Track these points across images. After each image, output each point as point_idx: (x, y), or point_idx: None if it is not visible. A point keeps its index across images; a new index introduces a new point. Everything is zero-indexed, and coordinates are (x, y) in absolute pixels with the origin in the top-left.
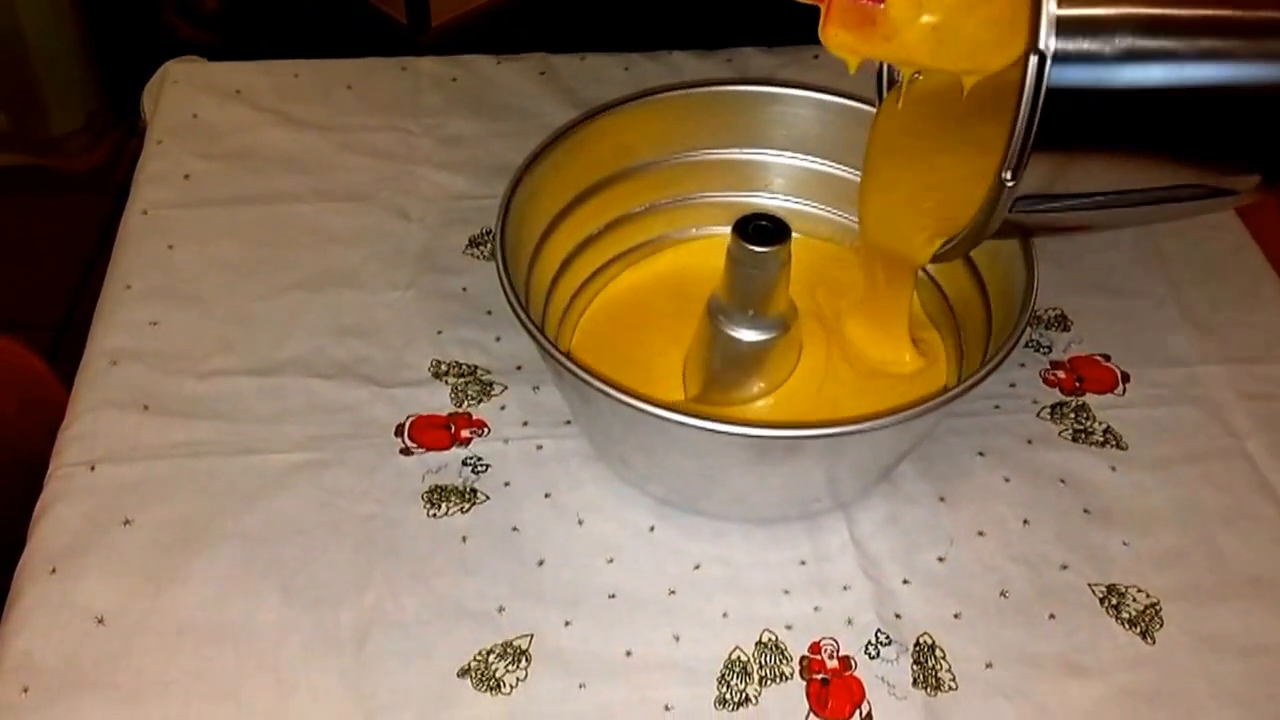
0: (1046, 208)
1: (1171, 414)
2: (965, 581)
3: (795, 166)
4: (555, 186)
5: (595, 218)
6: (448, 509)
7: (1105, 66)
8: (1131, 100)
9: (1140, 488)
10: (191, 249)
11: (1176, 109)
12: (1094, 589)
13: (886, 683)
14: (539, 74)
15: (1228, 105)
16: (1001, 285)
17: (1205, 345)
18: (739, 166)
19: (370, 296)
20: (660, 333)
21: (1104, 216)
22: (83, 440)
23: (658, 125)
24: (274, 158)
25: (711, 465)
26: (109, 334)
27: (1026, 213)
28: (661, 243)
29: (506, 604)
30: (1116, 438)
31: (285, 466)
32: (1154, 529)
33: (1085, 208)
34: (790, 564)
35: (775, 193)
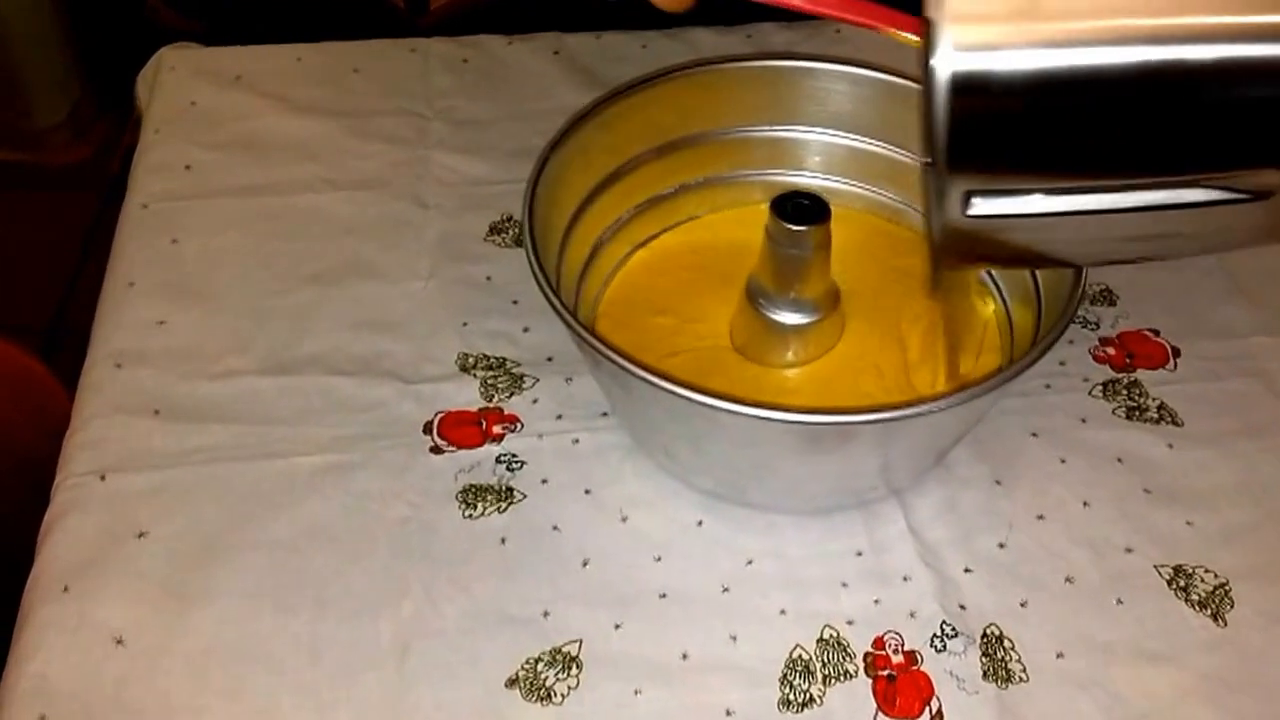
0: (1008, 212)
1: (1226, 388)
2: (1029, 568)
3: (833, 144)
4: (582, 169)
5: (625, 200)
6: (484, 509)
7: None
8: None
9: (1200, 464)
10: (197, 243)
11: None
12: (1160, 571)
13: (955, 677)
14: (553, 53)
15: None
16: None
17: (1257, 316)
18: (774, 144)
19: (389, 288)
20: (692, 307)
21: (1088, 230)
22: (91, 448)
23: (688, 102)
24: (280, 146)
25: (763, 454)
26: (113, 335)
27: (984, 218)
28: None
29: (552, 608)
30: (1171, 414)
31: (309, 470)
32: (1217, 506)
33: (1057, 213)
34: (847, 555)
35: (813, 171)
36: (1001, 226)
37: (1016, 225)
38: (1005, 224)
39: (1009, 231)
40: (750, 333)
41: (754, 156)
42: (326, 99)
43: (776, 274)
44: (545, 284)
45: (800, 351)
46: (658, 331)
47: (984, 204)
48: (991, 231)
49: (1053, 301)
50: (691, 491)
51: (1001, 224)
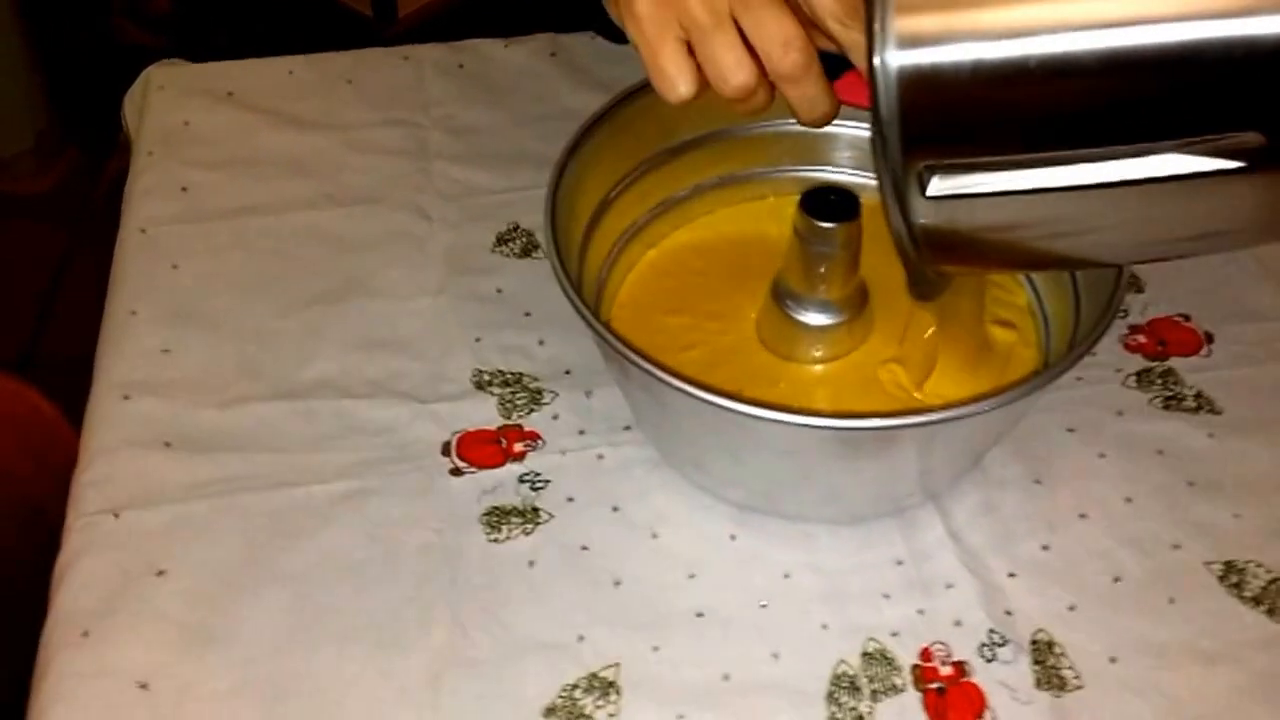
0: (967, 191)
1: (1262, 373)
2: (1075, 570)
3: (865, 137)
4: (598, 174)
5: (640, 203)
6: (509, 531)
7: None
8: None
9: (1242, 454)
10: (198, 267)
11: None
12: (1211, 568)
13: (1007, 687)
14: (550, 55)
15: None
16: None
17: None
18: (801, 138)
19: (398, 305)
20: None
21: (1063, 214)
22: (102, 485)
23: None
24: (277, 162)
25: (805, 463)
26: (118, 366)
27: (945, 199)
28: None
29: (586, 632)
30: (1209, 402)
31: (327, 498)
32: (1264, 497)
33: (1020, 190)
34: (886, 565)
35: (842, 166)
36: (965, 212)
37: (980, 208)
38: (968, 207)
39: (975, 216)
40: (775, 331)
41: (779, 152)
42: (321, 112)
43: (804, 273)
44: (577, 299)
45: (826, 351)
46: (672, 331)
47: (941, 182)
48: (957, 219)
49: (1091, 289)
50: (722, 504)
51: (964, 207)
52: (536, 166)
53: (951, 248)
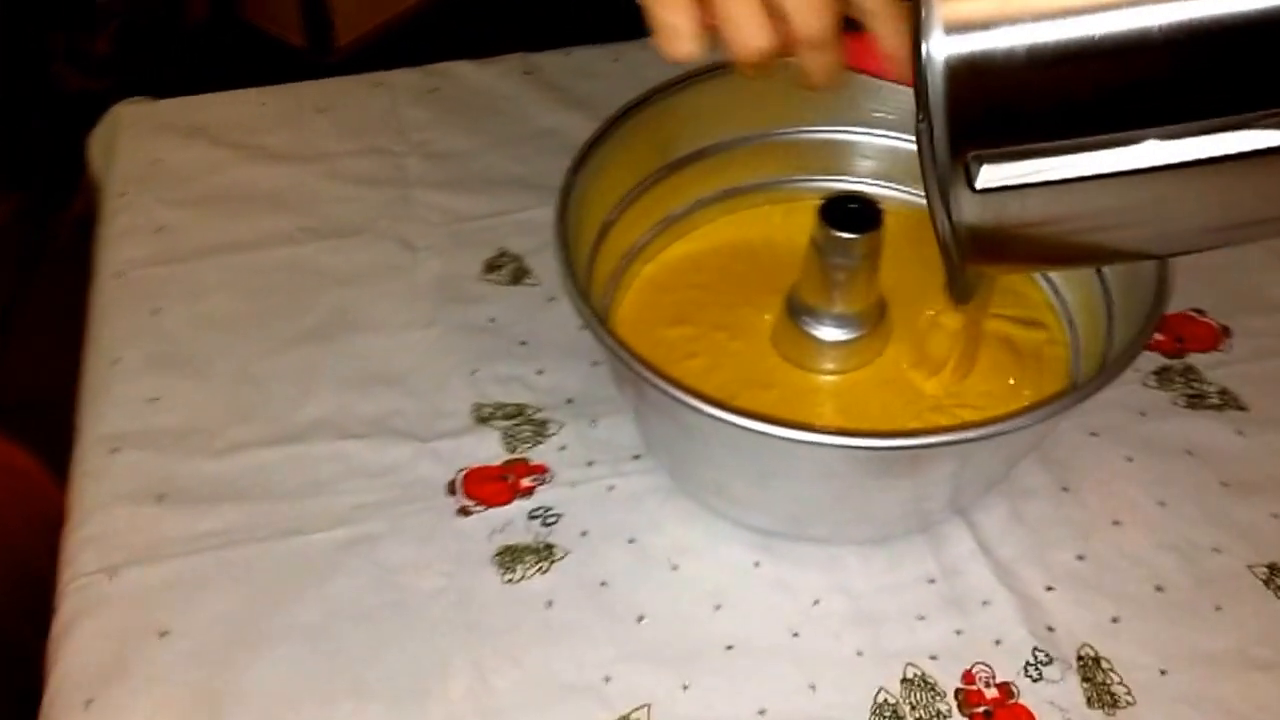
0: (1018, 181)
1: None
2: (1114, 580)
3: (885, 146)
4: (601, 193)
5: (645, 218)
6: (524, 571)
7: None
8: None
9: (1274, 450)
10: (180, 310)
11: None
12: (1254, 571)
13: (1057, 707)
14: (523, 74)
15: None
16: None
17: None
18: (818, 147)
19: (389, 340)
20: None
21: (1111, 203)
22: (96, 543)
23: (716, 106)
24: (253, 197)
25: (839, 485)
26: (104, 417)
27: (994, 191)
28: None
29: (612, 672)
30: (1234, 398)
31: (331, 545)
32: None
33: (1073, 179)
34: (918, 584)
35: (862, 176)
36: (1016, 205)
37: (1031, 200)
38: (1019, 200)
39: (1026, 210)
40: (790, 346)
41: (795, 161)
42: (295, 144)
43: (821, 286)
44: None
45: (843, 364)
46: (673, 342)
47: (992, 172)
48: (1006, 214)
49: (1119, 282)
50: (742, 530)
51: (1015, 201)
52: (519, 189)
53: (999, 246)
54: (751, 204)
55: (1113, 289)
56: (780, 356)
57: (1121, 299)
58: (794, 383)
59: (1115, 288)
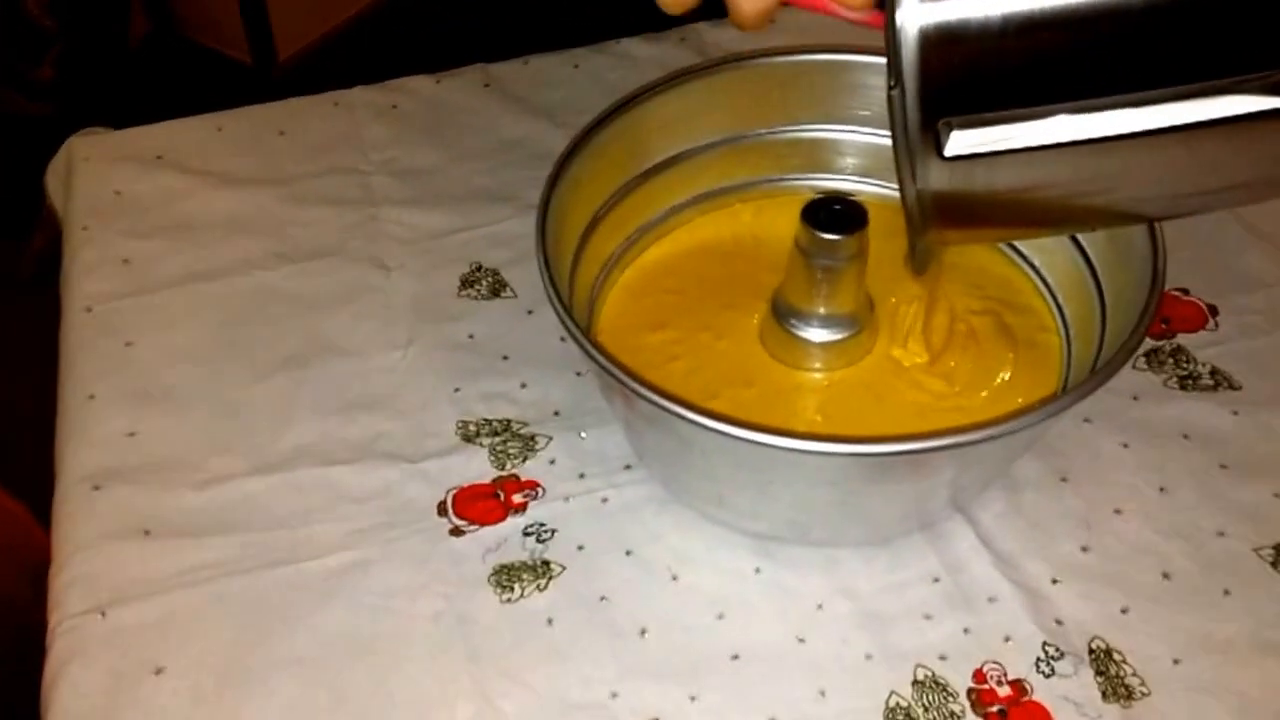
0: (989, 147)
1: (1274, 343)
2: (1120, 569)
3: (870, 144)
4: (578, 205)
5: (621, 228)
6: (522, 590)
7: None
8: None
9: (1270, 430)
10: (153, 342)
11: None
12: (1260, 553)
13: (1072, 702)
14: (483, 86)
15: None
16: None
17: (1277, 260)
18: (802, 146)
19: (368, 362)
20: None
21: (1080, 170)
22: (83, 583)
23: (688, 111)
24: (219, 224)
25: (842, 490)
26: (81, 455)
27: (964, 159)
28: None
29: (618, 688)
30: (1226, 378)
31: (324, 573)
32: None
33: (1044, 146)
34: (922, 583)
35: (847, 174)
36: (984, 172)
37: (1001, 167)
38: (988, 167)
39: (994, 177)
40: (778, 347)
41: (779, 161)
42: (257, 167)
43: (807, 288)
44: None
45: (832, 364)
46: (655, 347)
47: (961, 139)
48: (974, 181)
49: (1107, 263)
50: (739, 537)
51: (983, 167)
52: (489, 202)
53: (965, 213)
54: (723, 205)
55: (1102, 276)
56: (768, 354)
57: (1111, 282)
58: (776, 380)
59: (1105, 274)
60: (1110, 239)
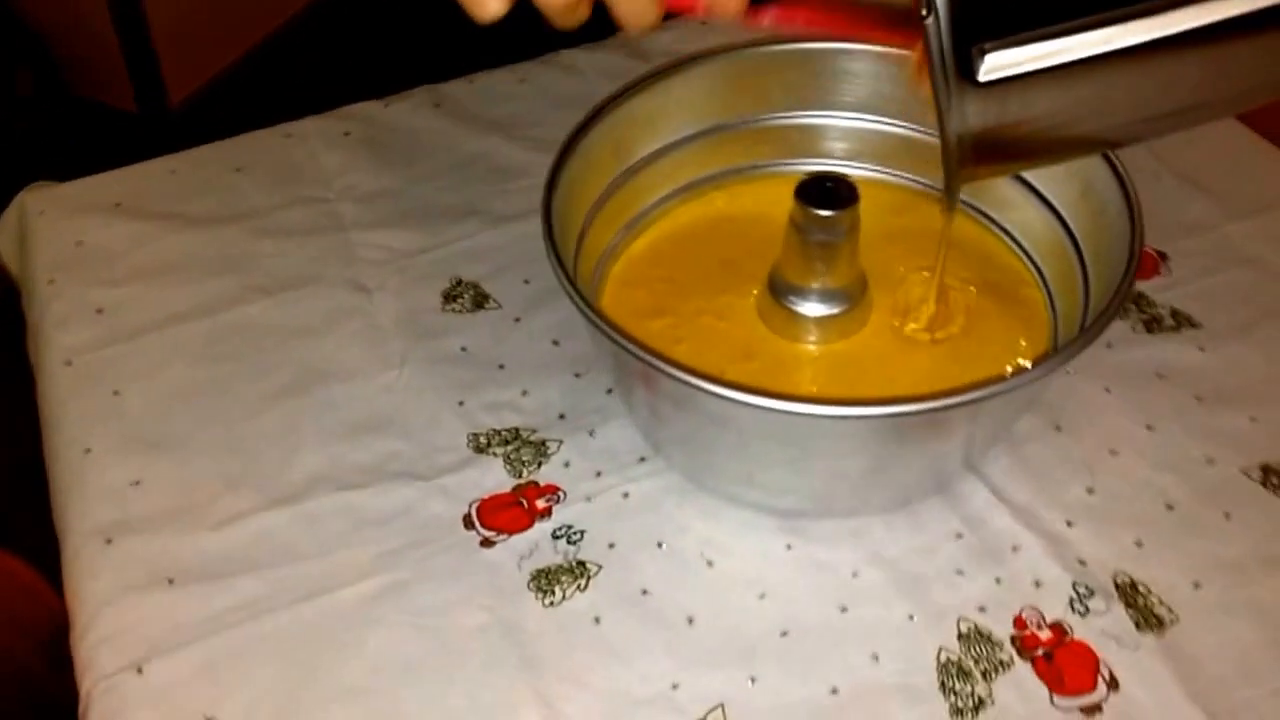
0: (1025, 68)
1: (1223, 281)
2: (1126, 506)
3: (858, 129)
4: (574, 206)
5: (614, 221)
6: (563, 592)
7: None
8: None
9: (1236, 360)
10: (141, 388)
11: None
12: (1249, 475)
13: (1111, 637)
14: (434, 107)
15: None
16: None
17: (1220, 205)
18: (791, 132)
19: (365, 384)
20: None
21: (1118, 85)
22: (112, 641)
23: (692, 96)
24: (189, 265)
25: (873, 456)
26: (88, 510)
27: (1000, 83)
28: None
29: (678, 679)
30: (1186, 317)
31: (360, 600)
32: (1270, 396)
33: (1081, 60)
34: (947, 541)
35: (836, 158)
36: (1018, 98)
37: (1034, 90)
38: (1022, 91)
39: (1028, 101)
40: (778, 325)
41: (770, 147)
42: (219, 206)
43: (804, 265)
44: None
45: (831, 337)
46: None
47: (997, 58)
48: (1008, 109)
49: (1079, 214)
50: (764, 516)
51: (1017, 92)
52: (459, 217)
53: (1000, 144)
54: (700, 194)
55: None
56: (769, 329)
57: (1088, 239)
58: (778, 353)
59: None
60: (1084, 198)
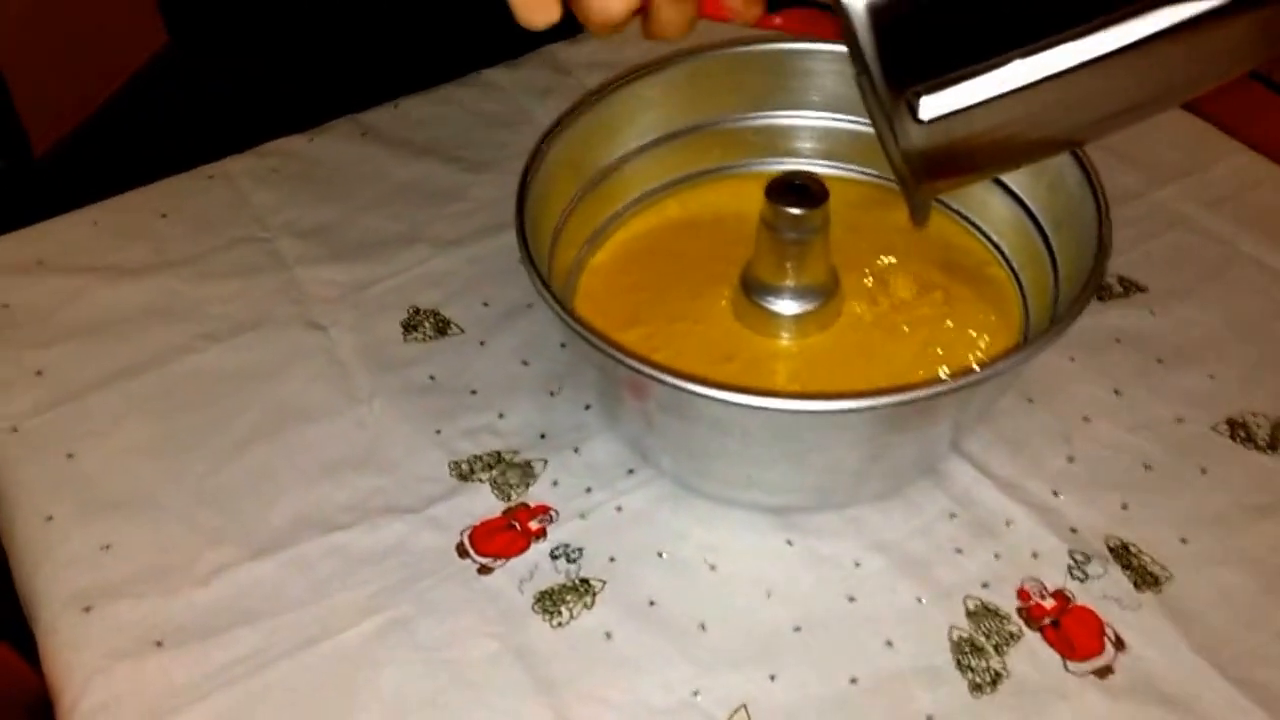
0: (961, 105)
1: (1163, 244)
2: (1108, 471)
3: (825, 128)
4: (545, 215)
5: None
6: (570, 612)
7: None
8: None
9: (1187, 321)
10: (96, 448)
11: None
12: (1218, 430)
13: (1112, 599)
14: (360, 135)
15: None
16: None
17: (1143, 173)
18: (759, 133)
19: (336, 422)
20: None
21: (1051, 102)
22: (106, 711)
23: (650, 103)
24: (128, 317)
25: (873, 446)
26: (59, 580)
27: (940, 120)
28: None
29: (698, 685)
30: (1134, 283)
31: (363, 641)
32: (1224, 353)
33: (1014, 90)
34: (941, 522)
35: (804, 157)
36: (962, 125)
37: (975, 118)
38: (964, 119)
39: (971, 127)
40: (754, 324)
41: (737, 149)
42: (151, 254)
43: (777, 263)
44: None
45: (806, 333)
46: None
47: (932, 102)
48: (953, 134)
49: (1038, 195)
50: (760, 516)
51: (960, 121)
52: (406, 244)
53: (950, 164)
54: (657, 202)
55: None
56: (744, 328)
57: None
58: (757, 352)
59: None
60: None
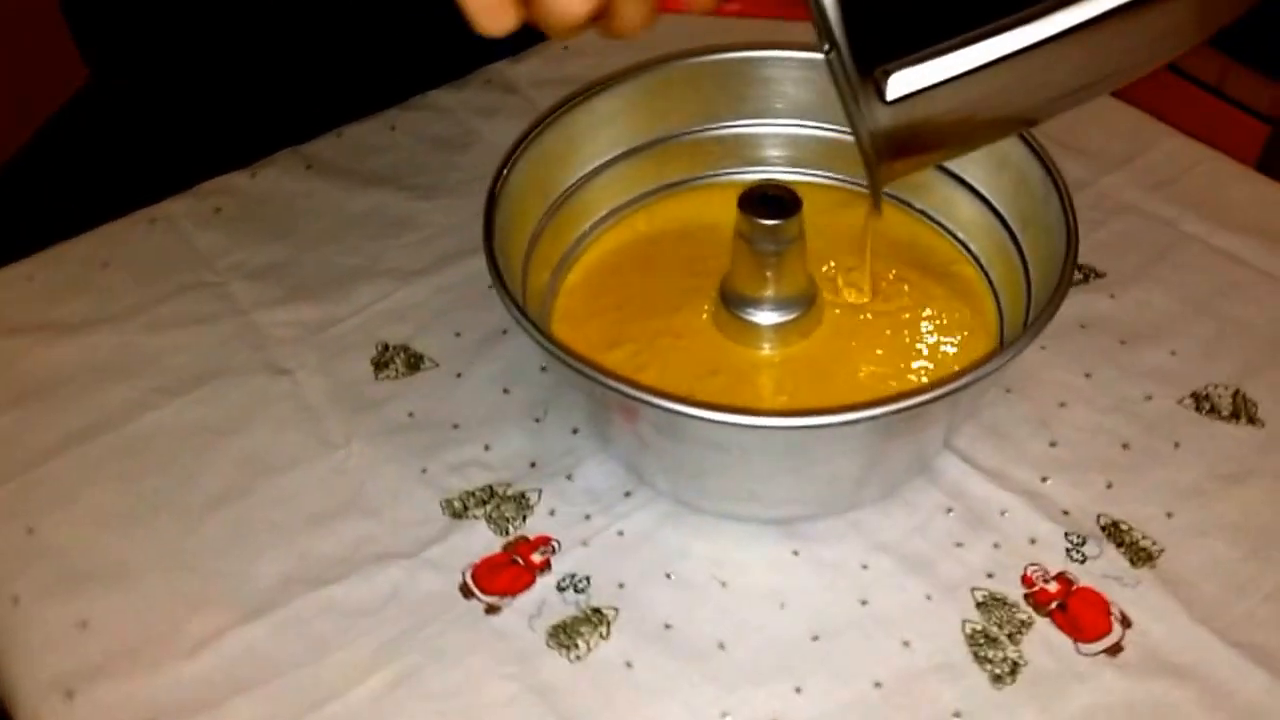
0: (928, 83)
1: (1111, 231)
2: (1090, 452)
3: (789, 135)
4: (518, 226)
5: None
6: (586, 644)
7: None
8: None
9: (1143, 302)
10: (58, 520)
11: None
12: (1184, 404)
13: (1112, 578)
14: (305, 168)
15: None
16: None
17: (1090, 162)
18: (722, 143)
19: (313, 470)
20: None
21: (1015, 80)
22: None
23: (612, 118)
24: (79, 376)
25: (873, 454)
26: (35, 665)
27: (907, 99)
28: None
29: (725, 705)
30: (1092, 269)
31: (373, 698)
32: (1182, 330)
33: (980, 66)
34: (939, 518)
35: (769, 165)
36: (925, 105)
37: (940, 97)
38: (928, 99)
39: (935, 107)
40: (737, 336)
41: (706, 159)
42: (94, 307)
43: (755, 275)
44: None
45: (788, 343)
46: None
47: (898, 81)
48: (916, 115)
49: (1001, 193)
50: (762, 528)
51: (924, 101)
52: (367, 279)
53: (914, 142)
54: (625, 218)
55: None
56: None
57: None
58: (741, 364)
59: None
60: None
